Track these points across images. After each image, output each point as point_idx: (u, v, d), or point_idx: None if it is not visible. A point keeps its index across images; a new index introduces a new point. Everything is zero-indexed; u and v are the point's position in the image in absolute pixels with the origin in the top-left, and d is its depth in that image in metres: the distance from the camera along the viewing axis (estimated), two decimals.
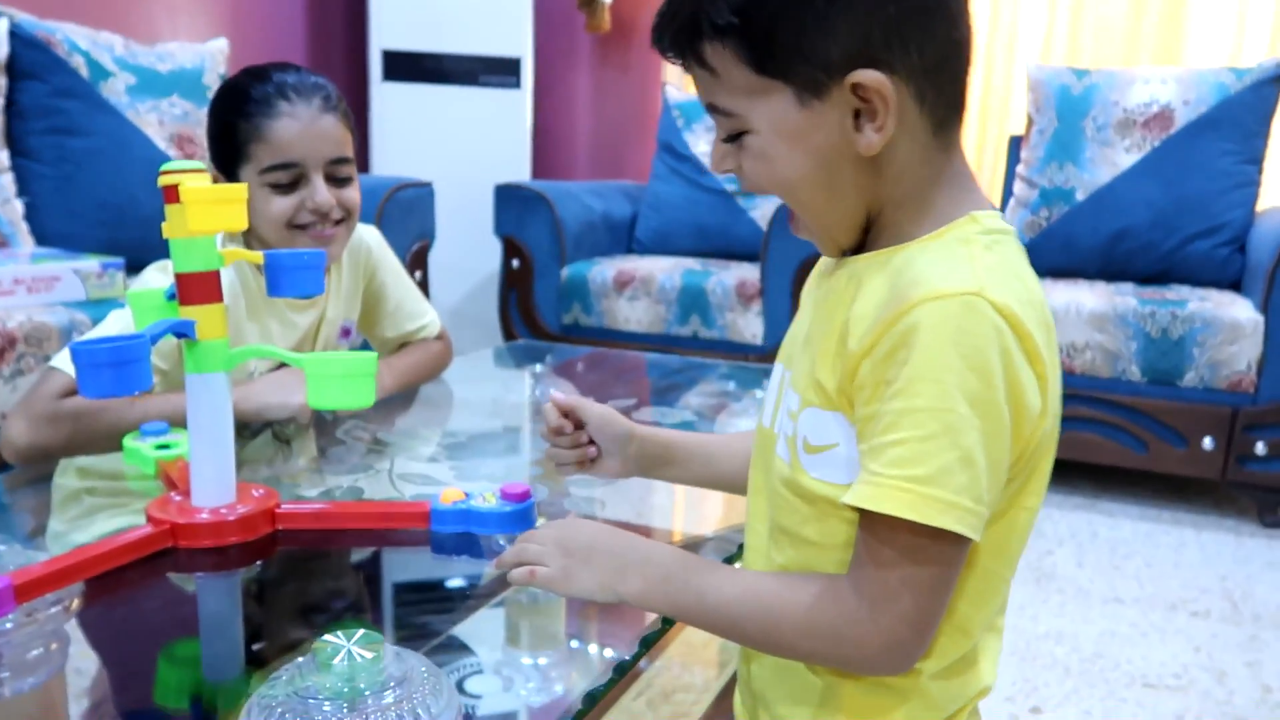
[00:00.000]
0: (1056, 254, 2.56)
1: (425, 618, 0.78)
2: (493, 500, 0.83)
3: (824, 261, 0.73)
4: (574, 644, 0.78)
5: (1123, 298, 2.19)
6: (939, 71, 0.60)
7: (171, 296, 0.82)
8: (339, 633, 0.64)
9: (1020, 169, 2.66)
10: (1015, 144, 2.79)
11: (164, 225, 0.78)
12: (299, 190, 1.15)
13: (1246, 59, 2.65)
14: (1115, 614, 1.68)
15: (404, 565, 0.85)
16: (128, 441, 0.99)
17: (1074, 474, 2.36)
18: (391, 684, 0.55)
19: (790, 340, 0.73)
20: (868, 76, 0.58)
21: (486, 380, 1.64)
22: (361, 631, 0.63)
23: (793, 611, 0.60)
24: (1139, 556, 1.94)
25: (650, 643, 0.70)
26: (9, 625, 0.70)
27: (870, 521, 0.57)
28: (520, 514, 0.83)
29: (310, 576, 0.82)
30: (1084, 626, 1.62)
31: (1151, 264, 2.46)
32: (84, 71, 2.13)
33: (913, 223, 0.63)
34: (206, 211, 0.73)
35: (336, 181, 1.18)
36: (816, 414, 0.63)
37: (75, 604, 0.75)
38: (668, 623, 0.72)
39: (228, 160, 1.16)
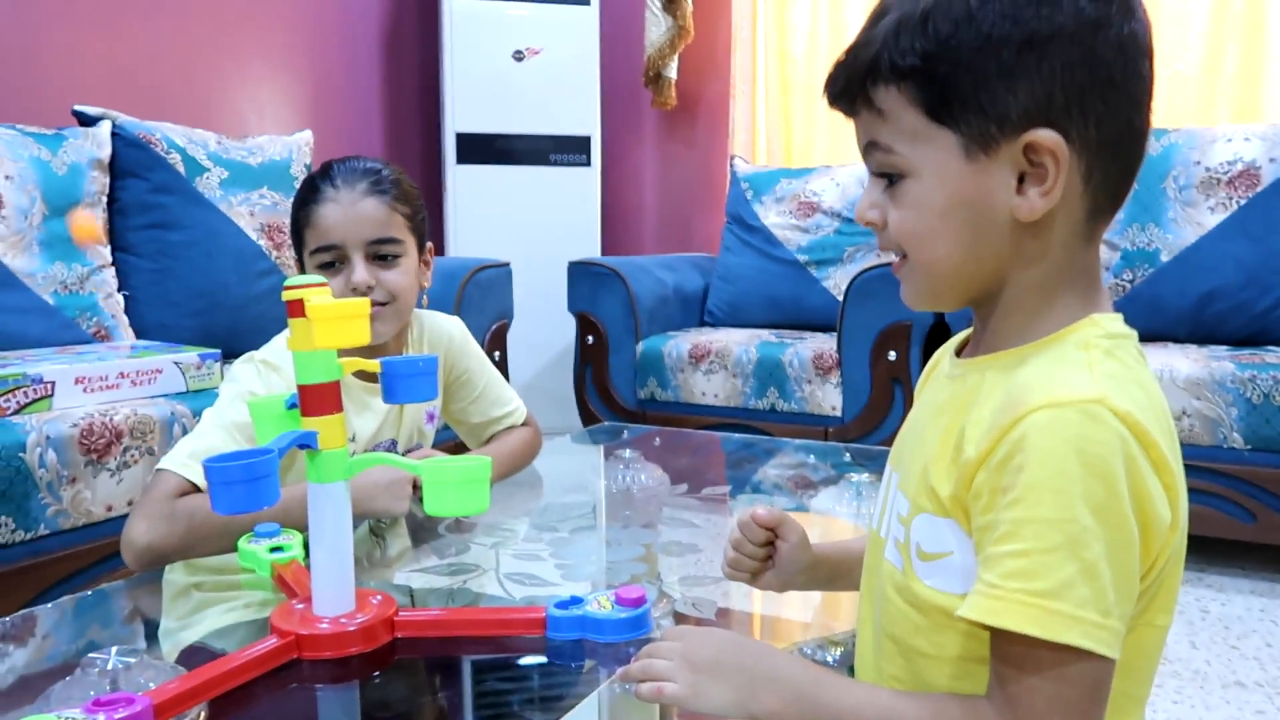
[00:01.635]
0: (1142, 317, 2.50)
1: None
2: (608, 606, 0.82)
3: (944, 364, 0.71)
4: None
5: (1219, 362, 2.12)
6: (1113, 153, 0.59)
7: (292, 405, 0.83)
8: None
9: None
10: None
11: (288, 338, 0.81)
12: (343, 272, 1.19)
13: None
14: (1239, 700, 1.59)
15: (521, 673, 0.84)
16: (242, 544, 1.00)
17: None
18: None
19: (900, 443, 0.72)
20: (1044, 136, 0.57)
21: (573, 465, 1.64)
22: None
23: None
24: (1257, 635, 1.84)
25: None
26: None
27: (1004, 640, 0.55)
28: (637, 620, 0.82)
29: (430, 686, 0.82)
30: (1206, 714, 1.54)
31: (1244, 325, 2.38)
32: (181, 168, 2.23)
33: (1036, 315, 0.62)
34: (332, 328, 0.75)
35: (381, 263, 1.20)
36: (930, 520, 0.62)
37: (203, 717, 0.75)
38: None
39: (297, 248, 1.24)
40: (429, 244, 1.29)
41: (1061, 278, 0.62)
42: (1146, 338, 2.47)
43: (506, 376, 2.59)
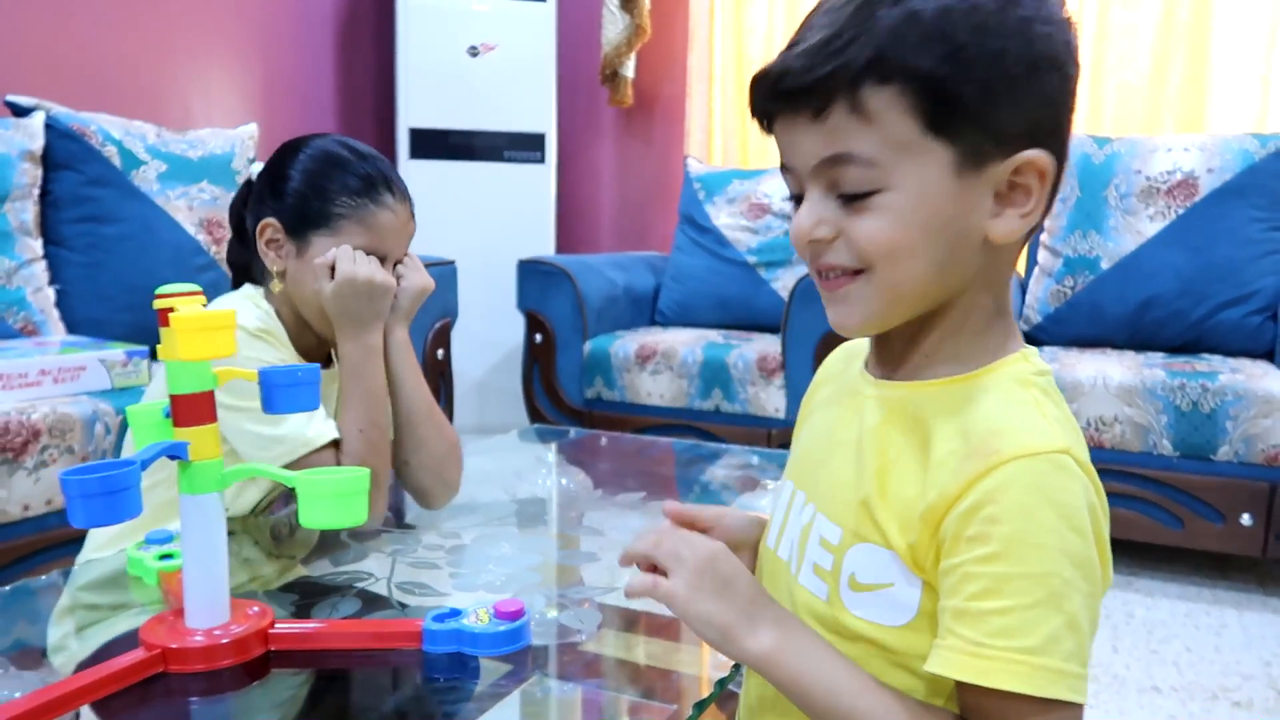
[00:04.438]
0: (1083, 323, 2.53)
1: None
2: (485, 619, 0.82)
3: (854, 378, 0.67)
4: None
5: (1151, 370, 2.15)
6: (1060, 179, 0.60)
7: (169, 414, 0.82)
8: None
9: (1044, 237, 2.64)
10: None
11: (159, 347, 0.80)
12: None
13: (1272, 125, 2.62)
14: (1153, 705, 1.61)
15: (395, 687, 0.83)
16: (131, 551, 0.99)
17: None
18: None
19: (805, 461, 0.69)
20: (1039, 156, 0.56)
21: (497, 470, 1.63)
22: None
23: None
24: (1178, 640, 1.87)
25: (703, 707, 0.68)
26: None
27: (980, 693, 0.54)
28: (513, 633, 0.81)
29: (301, 700, 0.81)
30: (1120, 719, 1.56)
31: (1181, 333, 2.41)
32: (116, 161, 2.19)
33: (974, 339, 0.61)
34: (196, 340, 0.74)
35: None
36: (871, 550, 0.60)
37: None
38: (719, 686, 0.68)
39: (304, 219, 1.13)
40: None
41: (1002, 301, 0.62)
42: (1087, 343, 2.51)
43: (450, 374, 2.58)
